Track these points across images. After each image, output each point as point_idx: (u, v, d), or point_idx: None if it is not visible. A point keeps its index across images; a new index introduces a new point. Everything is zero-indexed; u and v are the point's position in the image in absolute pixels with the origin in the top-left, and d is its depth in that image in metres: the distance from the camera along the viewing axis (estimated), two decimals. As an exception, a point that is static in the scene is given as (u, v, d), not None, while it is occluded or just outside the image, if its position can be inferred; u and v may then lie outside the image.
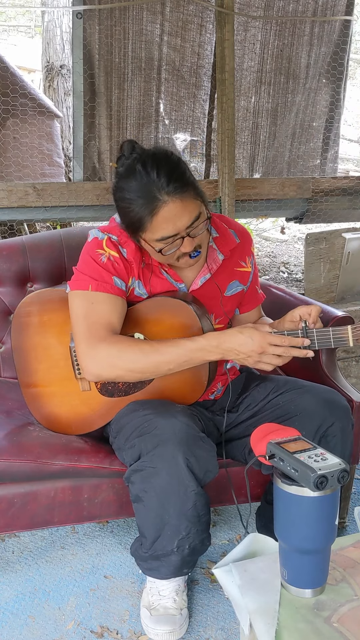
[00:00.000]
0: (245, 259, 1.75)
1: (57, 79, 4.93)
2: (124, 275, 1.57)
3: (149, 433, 1.45)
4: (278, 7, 3.19)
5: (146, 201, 1.43)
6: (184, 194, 1.43)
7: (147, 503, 1.47)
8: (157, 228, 1.45)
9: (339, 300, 3.33)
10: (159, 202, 1.42)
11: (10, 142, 3.02)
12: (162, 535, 1.47)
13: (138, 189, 1.44)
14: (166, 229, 1.45)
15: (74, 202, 2.77)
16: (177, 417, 1.46)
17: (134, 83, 2.93)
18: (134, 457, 1.49)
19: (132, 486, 1.50)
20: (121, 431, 1.57)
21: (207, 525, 1.52)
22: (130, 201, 1.45)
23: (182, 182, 1.44)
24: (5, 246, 2.08)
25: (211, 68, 3.12)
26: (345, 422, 1.58)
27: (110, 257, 1.55)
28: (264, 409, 1.67)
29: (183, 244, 1.49)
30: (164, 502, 1.44)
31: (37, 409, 1.75)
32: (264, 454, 1.10)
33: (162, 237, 1.47)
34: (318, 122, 3.51)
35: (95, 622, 1.61)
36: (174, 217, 1.44)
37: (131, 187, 1.45)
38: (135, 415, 1.53)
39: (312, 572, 1.08)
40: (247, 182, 3.17)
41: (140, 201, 1.44)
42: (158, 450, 1.42)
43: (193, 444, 1.43)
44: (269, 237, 5.82)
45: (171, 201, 1.42)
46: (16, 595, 1.69)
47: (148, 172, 1.42)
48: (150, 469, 1.44)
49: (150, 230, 1.46)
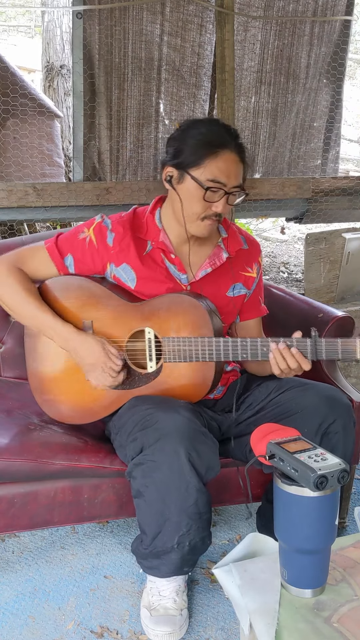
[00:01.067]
0: (252, 265, 1.77)
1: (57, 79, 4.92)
2: (88, 259, 1.68)
3: (151, 427, 1.46)
4: (278, 7, 3.18)
5: (216, 139, 1.56)
6: (243, 159, 1.61)
7: (148, 498, 1.47)
8: (214, 168, 1.55)
9: (339, 300, 3.33)
10: (227, 147, 1.56)
11: (11, 142, 3.02)
12: (162, 531, 1.47)
13: (212, 130, 1.60)
14: (222, 174, 1.56)
15: (74, 202, 2.77)
16: (179, 412, 1.47)
17: (134, 83, 2.93)
18: (136, 451, 1.49)
19: (133, 481, 1.50)
20: (123, 427, 1.58)
21: (208, 523, 1.52)
22: (199, 137, 1.57)
23: (244, 152, 1.62)
24: (5, 246, 2.08)
25: (211, 68, 3.12)
26: (346, 420, 1.59)
27: (86, 239, 1.68)
28: (265, 407, 1.67)
29: (220, 201, 1.58)
30: (165, 497, 1.44)
31: (41, 395, 1.75)
32: (264, 454, 1.10)
33: (214, 179, 1.56)
34: (319, 122, 3.51)
35: (95, 622, 1.61)
36: (230, 167, 1.57)
37: (206, 126, 1.61)
38: (136, 410, 1.54)
39: (312, 572, 1.08)
40: (247, 182, 3.15)
41: (210, 137, 1.57)
42: (160, 444, 1.43)
43: (195, 438, 1.44)
44: (269, 237, 5.82)
45: (235, 154, 1.58)
46: (16, 595, 1.69)
47: (225, 128, 1.61)
48: (151, 463, 1.44)
49: (207, 168, 1.55)
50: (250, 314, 1.80)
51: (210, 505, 1.51)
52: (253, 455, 1.15)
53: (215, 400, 1.77)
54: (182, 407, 1.50)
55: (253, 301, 1.79)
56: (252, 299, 1.78)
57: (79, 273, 1.70)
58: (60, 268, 1.69)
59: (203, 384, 1.61)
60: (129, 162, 3.00)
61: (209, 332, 1.57)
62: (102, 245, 1.66)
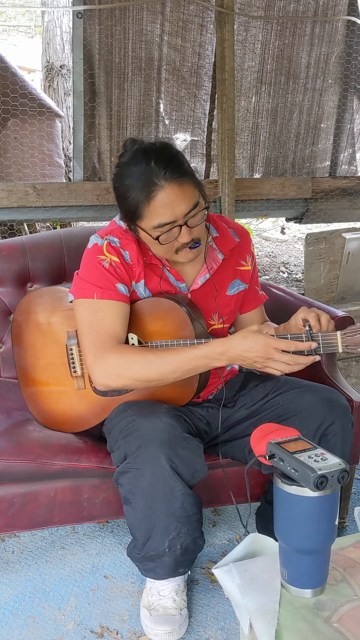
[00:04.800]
0: (246, 257, 1.75)
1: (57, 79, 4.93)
2: (127, 279, 1.57)
3: (132, 434, 1.45)
4: (278, 7, 3.19)
5: (144, 185, 1.44)
6: (182, 180, 1.45)
7: (135, 504, 1.47)
8: (154, 214, 1.46)
9: (339, 300, 3.33)
10: (157, 186, 1.43)
11: (11, 142, 3.02)
12: (152, 536, 1.47)
13: (137, 174, 1.45)
14: (163, 214, 1.45)
15: (74, 202, 2.77)
16: (160, 418, 1.45)
17: (134, 83, 2.93)
18: (120, 459, 1.49)
19: (120, 488, 1.51)
20: (111, 433, 1.58)
21: (199, 524, 1.51)
22: (129, 187, 1.47)
23: (181, 170, 1.46)
24: (5, 246, 2.08)
25: (211, 68, 3.12)
26: (345, 421, 1.58)
27: (112, 263, 1.56)
28: (263, 408, 1.66)
29: (181, 233, 1.49)
30: (151, 504, 1.44)
31: (34, 405, 1.78)
32: (264, 454, 1.10)
33: (159, 224, 1.47)
34: (326, 123, 3.50)
35: (95, 622, 1.61)
36: (171, 203, 1.45)
37: (131, 173, 1.47)
38: (122, 417, 1.54)
39: (312, 572, 1.08)
40: (247, 182, 3.17)
41: (138, 186, 1.45)
42: (141, 451, 1.42)
43: (176, 444, 1.43)
44: (269, 237, 5.82)
45: (169, 186, 1.44)
46: (16, 595, 1.69)
47: (148, 160, 1.45)
48: (135, 471, 1.44)
49: (148, 216, 1.47)
50: (251, 305, 1.79)
51: (199, 506, 1.50)
52: (253, 456, 1.15)
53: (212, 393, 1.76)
54: (163, 413, 1.48)
55: (251, 292, 1.78)
56: (250, 290, 1.78)
57: None
58: (125, 299, 1.56)
59: (189, 387, 1.59)
60: (129, 162, 2.99)
61: (190, 334, 1.55)
62: (125, 263, 1.59)
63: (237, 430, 1.69)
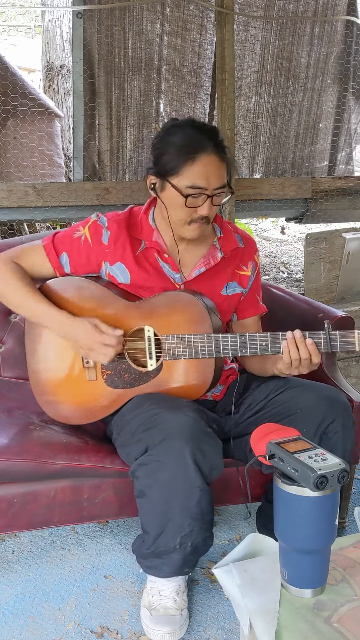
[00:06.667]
0: (247, 263, 1.77)
1: (57, 79, 4.92)
2: (83, 258, 1.69)
3: (156, 427, 1.46)
4: (278, 7, 3.18)
5: (191, 145, 1.54)
6: (223, 158, 1.57)
7: (151, 498, 1.47)
8: (192, 173, 1.54)
9: (339, 300, 3.33)
10: (203, 150, 1.53)
11: (11, 142, 3.02)
12: (165, 531, 1.47)
13: (187, 136, 1.56)
14: (200, 178, 1.54)
15: (74, 202, 2.77)
16: (184, 412, 1.47)
17: (134, 83, 2.93)
18: (140, 451, 1.49)
19: (136, 481, 1.50)
20: (126, 427, 1.58)
21: (210, 524, 1.52)
22: (174, 143, 1.56)
23: (224, 150, 1.58)
24: (5, 246, 2.08)
25: (211, 68, 3.12)
26: (346, 419, 1.59)
27: (81, 237, 1.69)
28: (264, 407, 1.67)
29: (204, 204, 1.56)
30: (169, 497, 1.45)
31: (41, 395, 1.75)
32: (264, 454, 1.10)
33: (193, 185, 1.54)
34: (325, 123, 3.50)
35: (95, 622, 1.61)
36: (209, 170, 1.54)
37: (180, 133, 1.58)
38: (140, 411, 1.54)
39: (312, 572, 1.08)
40: (247, 182, 3.16)
41: (185, 143, 1.54)
42: (165, 444, 1.43)
43: (200, 439, 1.44)
44: (269, 237, 5.82)
45: (213, 155, 1.55)
46: (16, 595, 1.69)
47: (200, 131, 1.58)
48: (156, 463, 1.44)
49: (186, 174, 1.54)
50: (248, 312, 1.80)
51: (212, 505, 1.51)
52: (253, 455, 1.15)
53: (215, 401, 1.77)
54: (187, 407, 1.51)
55: (250, 299, 1.79)
56: (249, 297, 1.78)
57: (74, 271, 1.71)
58: (56, 266, 1.70)
59: (203, 382, 1.61)
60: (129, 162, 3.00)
61: (208, 328, 1.57)
62: (97, 244, 1.67)
63: (239, 429, 1.69)
